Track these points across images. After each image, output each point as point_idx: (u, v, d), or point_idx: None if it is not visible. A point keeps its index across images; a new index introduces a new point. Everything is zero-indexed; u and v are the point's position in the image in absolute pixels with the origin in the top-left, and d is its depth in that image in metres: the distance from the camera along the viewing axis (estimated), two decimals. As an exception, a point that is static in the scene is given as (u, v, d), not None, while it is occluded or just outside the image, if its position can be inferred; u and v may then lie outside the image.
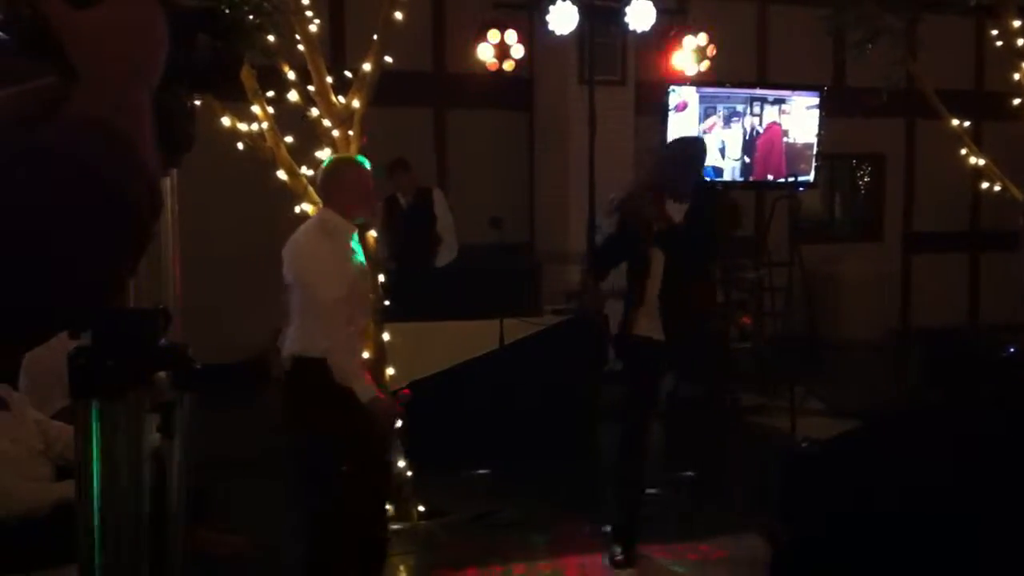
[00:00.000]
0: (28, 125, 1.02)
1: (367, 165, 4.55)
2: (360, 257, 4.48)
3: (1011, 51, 8.04)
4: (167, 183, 1.31)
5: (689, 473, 6.62)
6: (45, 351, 4.39)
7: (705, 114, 9.26)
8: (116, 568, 1.29)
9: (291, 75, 5.63)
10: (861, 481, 1.32)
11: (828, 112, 9.63)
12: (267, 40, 5.46)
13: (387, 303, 5.72)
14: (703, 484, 6.56)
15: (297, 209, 5.61)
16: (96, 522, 1.30)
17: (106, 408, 1.27)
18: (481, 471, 6.53)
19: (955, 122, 8.23)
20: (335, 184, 4.46)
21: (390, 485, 4.86)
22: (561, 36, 8.75)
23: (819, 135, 9.59)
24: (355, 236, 4.49)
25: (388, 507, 5.72)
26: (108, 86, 0.97)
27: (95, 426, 1.27)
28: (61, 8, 0.99)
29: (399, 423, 4.93)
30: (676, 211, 5.25)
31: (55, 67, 1.05)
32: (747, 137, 9.42)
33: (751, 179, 9.50)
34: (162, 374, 1.32)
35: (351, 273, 4.38)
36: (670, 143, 5.99)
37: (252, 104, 5.54)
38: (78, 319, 1.11)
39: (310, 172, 5.64)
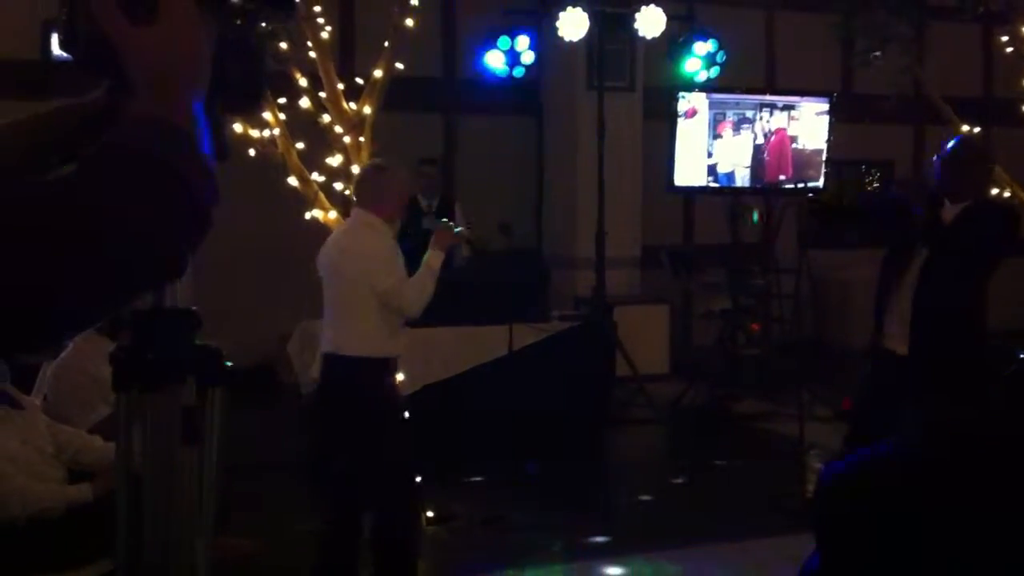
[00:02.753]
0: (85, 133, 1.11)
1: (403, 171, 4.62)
2: (399, 253, 4.54)
3: (1020, 57, 8.05)
4: None
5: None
6: (88, 362, 4.46)
7: (715, 120, 9.27)
8: (152, 560, 1.36)
9: (302, 81, 5.66)
10: (900, 505, 1.33)
11: (837, 118, 9.63)
12: (279, 47, 5.50)
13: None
14: (709, 489, 6.57)
15: (308, 215, 5.65)
16: (132, 513, 1.38)
17: (146, 400, 1.36)
18: (488, 476, 6.55)
19: (964, 128, 8.24)
20: (375, 188, 4.53)
21: (415, 486, 4.89)
22: (571, 42, 8.76)
23: (828, 141, 9.59)
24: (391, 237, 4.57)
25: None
26: (163, 94, 1.07)
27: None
28: (120, 25, 1.08)
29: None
30: (950, 213, 4.89)
31: (112, 81, 1.16)
32: (756, 143, 9.42)
33: (760, 185, 9.50)
34: (190, 379, 1.39)
35: (401, 264, 4.46)
36: (959, 139, 5.34)
37: (264, 111, 5.58)
38: (146, 293, 1.24)
39: (321, 178, 5.67)
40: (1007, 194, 8.28)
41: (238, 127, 5.48)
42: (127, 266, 1.00)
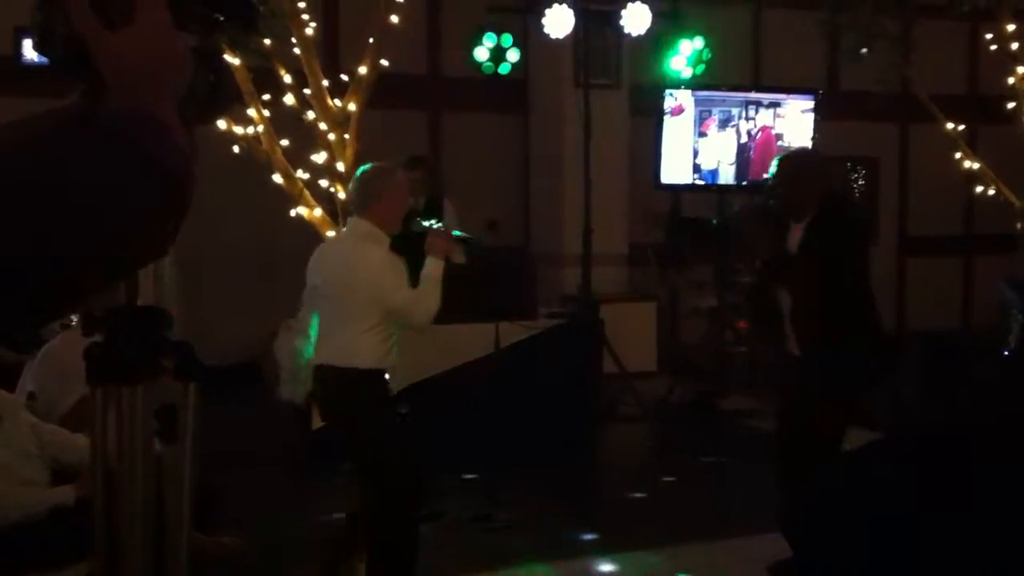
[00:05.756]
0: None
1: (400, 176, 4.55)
2: (402, 266, 4.49)
3: (1005, 55, 8.07)
4: None
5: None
6: (65, 344, 4.42)
7: (700, 118, 9.27)
8: (130, 544, 1.37)
9: (287, 78, 5.63)
10: (881, 509, 1.32)
11: (822, 115, 9.65)
12: (263, 43, 5.47)
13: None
14: (696, 487, 6.57)
15: (293, 212, 5.61)
16: (108, 506, 1.41)
17: (122, 394, 1.38)
18: (476, 474, 6.53)
19: (949, 126, 8.26)
20: (374, 194, 4.41)
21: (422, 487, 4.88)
22: (556, 40, 8.75)
23: (814, 138, 9.61)
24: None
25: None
26: (138, 94, 1.11)
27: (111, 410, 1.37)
28: (94, 29, 1.12)
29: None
30: (796, 234, 4.79)
31: (87, 83, 1.19)
32: (741, 141, 9.43)
33: (745, 182, 9.51)
34: (168, 377, 1.41)
35: (405, 278, 4.41)
36: (783, 158, 5.21)
37: (248, 107, 5.54)
38: (128, 272, 1.28)
39: (306, 175, 5.64)
40: (991, 191, 8.29)
41: (223, 124, 5.44)
42: (106, 247, 1.02)
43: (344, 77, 5.80)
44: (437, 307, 4.45)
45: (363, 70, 5.66)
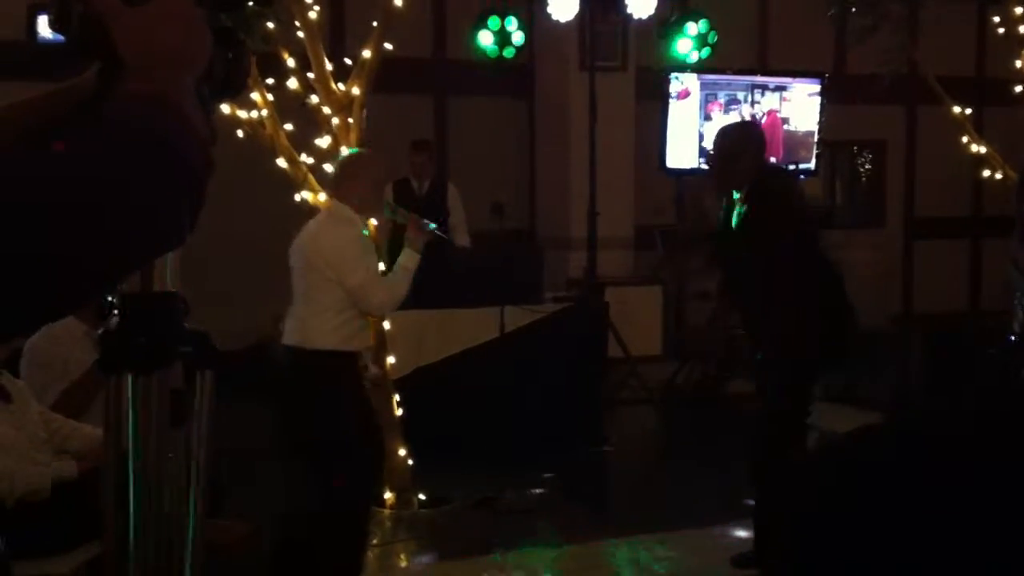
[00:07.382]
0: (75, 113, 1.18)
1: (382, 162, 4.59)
2: (372, 250, 4.51)
3: (1013, 38, 8.02)
4: None
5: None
6: (45, 340, 4.42)
7: (706, 101, 9.24)
8: (144, 530, 1.39)
9: (291, 62, 5.61)
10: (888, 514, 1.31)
11: (829, 99, 9.61)
12: (267, 27, 5.46)
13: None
14: (701, 471, 6.57)
15: (297, 197, 5.61)
16: (120, 496, 1.41)
17: (137, 383, 1.37)
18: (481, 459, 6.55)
19: (956, 109, 8.22)
20: (351, 177, 4.48)
21: (381, 479, 4.85)
22: (562, 22, 8.72)
23: (820, 122, 9.57)
24: (365, 229, 4.53)
25: (387, 495, 5.74)
26: (158, 73, 1.08)
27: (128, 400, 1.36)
28: (112, 4, 1.10)
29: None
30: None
31: (104, 61, 1.17)
32: (748, 124, 9.40)
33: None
34: (183, 364, 1.41)
35: (373, 261, 4.42)
36: (722, 131, 5.09)
37: (252, 91, 5.53)
38: (145, 262, 1.27)
39: (310, 160, 5.63)
40: (999, 175, 8.26)
41: (226, 108, 5.43)
42: (126, 237, 1.01)
43: (348, 61, 5.78)
44: (401, 298, 4.47)
45: (367, 54, 5.64)
